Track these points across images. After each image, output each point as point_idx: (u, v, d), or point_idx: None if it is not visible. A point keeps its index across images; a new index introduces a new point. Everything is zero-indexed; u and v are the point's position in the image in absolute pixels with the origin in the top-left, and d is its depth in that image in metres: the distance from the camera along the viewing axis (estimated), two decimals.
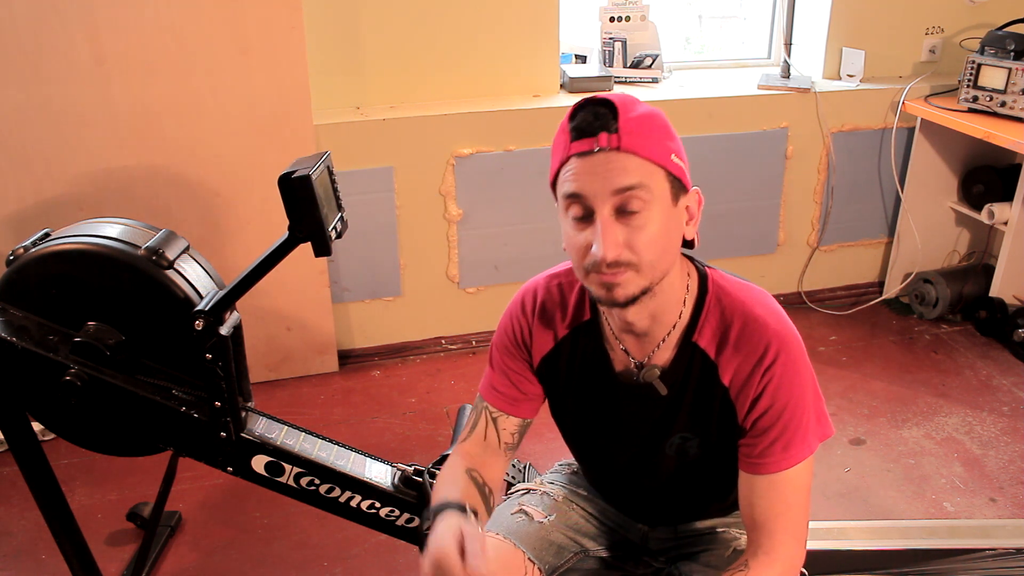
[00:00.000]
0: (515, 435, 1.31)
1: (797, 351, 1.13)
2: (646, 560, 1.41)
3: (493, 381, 1.30)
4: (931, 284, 3.09)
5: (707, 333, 1.16)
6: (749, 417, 1.14)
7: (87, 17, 2.19)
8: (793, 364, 1.13)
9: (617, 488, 1.39)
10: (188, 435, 1.55)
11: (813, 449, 1.15)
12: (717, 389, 1.16)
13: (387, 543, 1.93)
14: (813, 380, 1.16)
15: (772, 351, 1.12)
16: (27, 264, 1.48)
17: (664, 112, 1.11)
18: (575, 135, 1.06)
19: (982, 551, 1.90)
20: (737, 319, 1.14)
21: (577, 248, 1.08)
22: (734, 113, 2.88)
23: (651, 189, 1.05)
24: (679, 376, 1.19)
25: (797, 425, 1.13)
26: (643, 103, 1.09)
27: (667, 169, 1.06)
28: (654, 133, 1.06)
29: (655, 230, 1.06)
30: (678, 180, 1.08)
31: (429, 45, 2.66)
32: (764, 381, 1.12)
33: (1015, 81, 2.67)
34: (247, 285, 1.47)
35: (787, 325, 1.15)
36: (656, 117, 1.08)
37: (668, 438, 1.24)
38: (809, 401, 1.14)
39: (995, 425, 2.51)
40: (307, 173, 1.37)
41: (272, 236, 1.48)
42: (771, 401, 1.12)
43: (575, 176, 1.06)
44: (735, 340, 1.14)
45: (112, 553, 2.03)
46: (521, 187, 2.76)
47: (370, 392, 2.72)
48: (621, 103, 1.06)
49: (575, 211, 1.07)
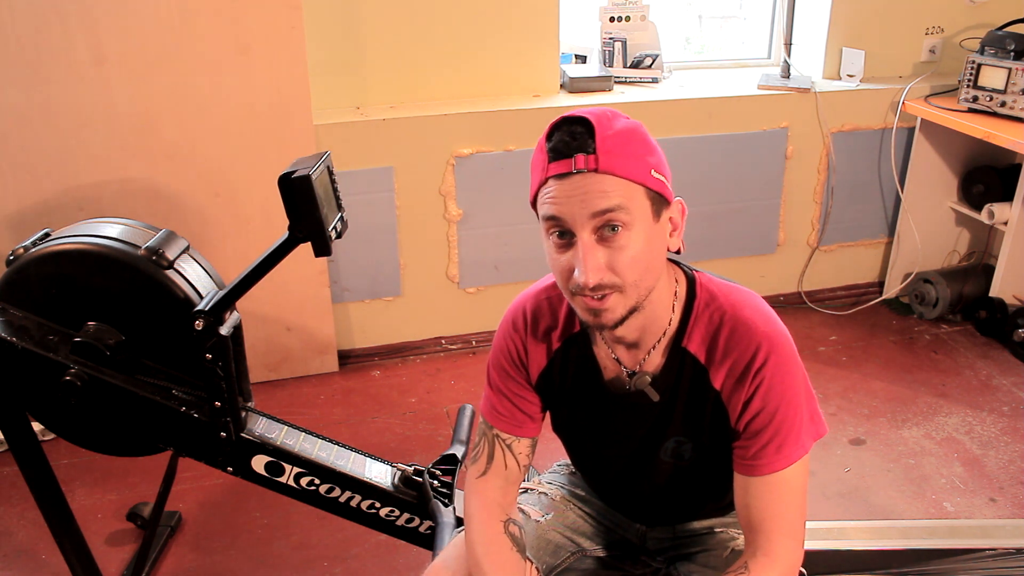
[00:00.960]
0: (529, 455, 1.31)
1: (787, 352, 1.13)
2: (644, 560, 1.41)
3: (496, 405, 1.29)
4: (931, 284, 3.08)
5: (696, 338, 1.16)
6: (742, 420, 1.14)
7: (87, 17, 2.19)
8: (784, 365, 1.12)
9: (615, 492, 1.39)
10: (188, 435, 1.55)
11: (807, 449, 1.15)
12: (709, 393, 1.16)
13: (387, 543, 1.93)
14: (805, 380, 1.16)
15: (762, 353, 1.11)
16: (27, 264, 1.48)
17: (643, 123, 1.09)
18: (552, 156, 1.05)
19: (982, 551, 1.89)
20: (726, 322, 1.14)
21: (560, 270, 1.08)
22: (734, 113, 2.88)
23: (631, 209, 1.04)
24: (670, 382, 1.19)
25: (790, 426, 1.13)
26: (621, 117, 1.08)
27: (647, 186, 1.05)
28: (632, 150, 1.05)
29: (637, 249, 1.05)
30: (659, 195, 1.07)
31: (429, 45, 2.66)
32: (755, 383, 1.12)
33: (1015, 81, 2.67)
34: (247, 285, 1.47)
35: (776, 326, 1.14)
36: (634, 132, 1.07)
37: (663, 443, 1.24)
38: (801, 401, 1.14)
39: (995, 425, 2.51)
40: (307, 173, 1.37)
41: (272, 236, 1.48)
42: (763, 403, 1.12)
43: (554, 199, 1.05)
44: (724, 344, 1.14)
45: (112, 553, 2.03)
46: (521, 187, 2.72)
47: (370, 392, 2.72)
48: (598, 121, 1.04)
49: (555, 234, 1.07)
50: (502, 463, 1.28)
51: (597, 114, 1.06)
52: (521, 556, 1.25)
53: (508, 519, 1.26)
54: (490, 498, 1.27)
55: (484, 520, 1.25)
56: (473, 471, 1.30)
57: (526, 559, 1.26)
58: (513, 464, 1.28)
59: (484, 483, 1.28)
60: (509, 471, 1.28)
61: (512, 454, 1.28)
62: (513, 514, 1.28)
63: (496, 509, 1.26)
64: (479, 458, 1.29)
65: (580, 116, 1.05)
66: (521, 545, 1.27)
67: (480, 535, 1.25)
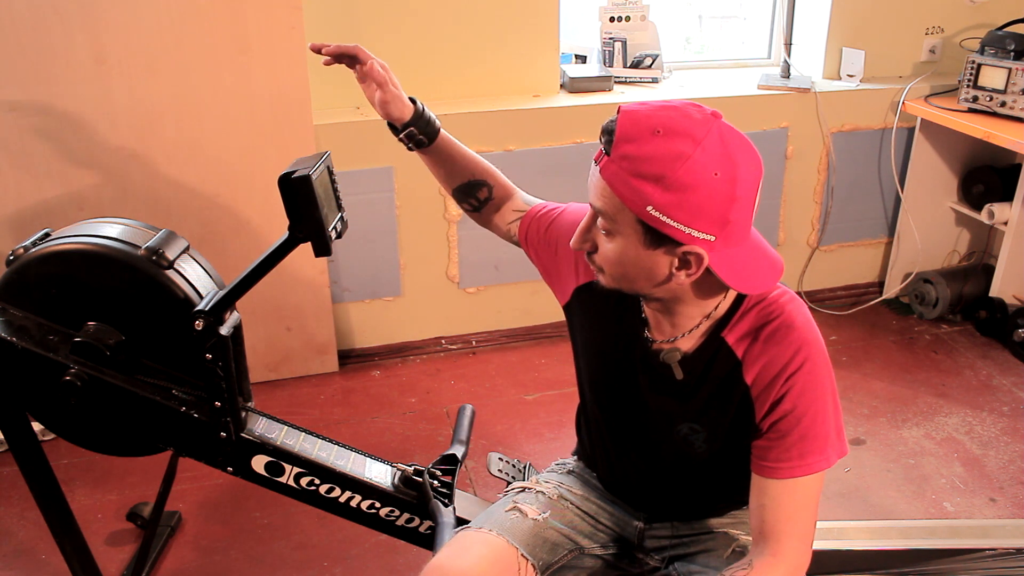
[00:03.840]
0: (507, 216, 1.48)
1: (824, 363, 1.14)
2: (641, 559, 1.41)
3: (550, 212, 1.42)
4: (931, 284, 3.09)
5: (738, 331, 1.17)
6: (768, 419, 1.15)
7: (87, 17, 2.19)
8: (818, 374, 1.13)
9: (617, 467, 1.39)
10: (188, 435, 1.55)
11: (831, 462, 1.15)
12: (739, 386, 1.16)
13: (387, 543, 1.93)
14: (835, 395, 1.16)
15: (800, 357, 1.12)
16: (27, 264, 1.48)
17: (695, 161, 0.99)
18: (599, 137, 1.09)
19: (982, 551, 1.89)
20: (773, 321, 1.14)
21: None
22: (734, 113, 2.83)
23: (616, 223, 1.07)
24: (699, 367, 1.19)
25: (815, 435, 1.13)
26: (664, 137, 1.00)
27: (637, 215, 1.04)
28: (637, 177, 1.02)
29: (613, 254, 1.10)
30: (656, 231, 1.04)
31: (429, 45, 2.66)
32: (787, 386, 1.13)
33: (1015, 81, 2.67)
34: (247, 285, 1.47)
35: (818, 337, 1.15)
36: (655, 163, 1.00)
37: (675, 426, 1.24)
38: (830, 414, 1.15)
39: (995, 425, 2.51)
40: (307, 173, 1.37)
41: (272, 236, 1.48)
42: (792, 405, 1.13)
43: (591, 172, 1.11)
44: (765, 340, 1.14)
45: (112, 553, 2.03)
46: (521, 187, 2.75)
47: (370, 392, 2.72)
48: (624, 131, 1.03)
49: None
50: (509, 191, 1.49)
51: (632, 123, 1.03)
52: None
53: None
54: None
55: None
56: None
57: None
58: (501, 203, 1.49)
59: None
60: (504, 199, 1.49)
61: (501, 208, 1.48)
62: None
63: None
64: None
65: (624, 114, 1.05)
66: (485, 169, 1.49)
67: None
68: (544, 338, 2.99)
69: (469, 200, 1.49)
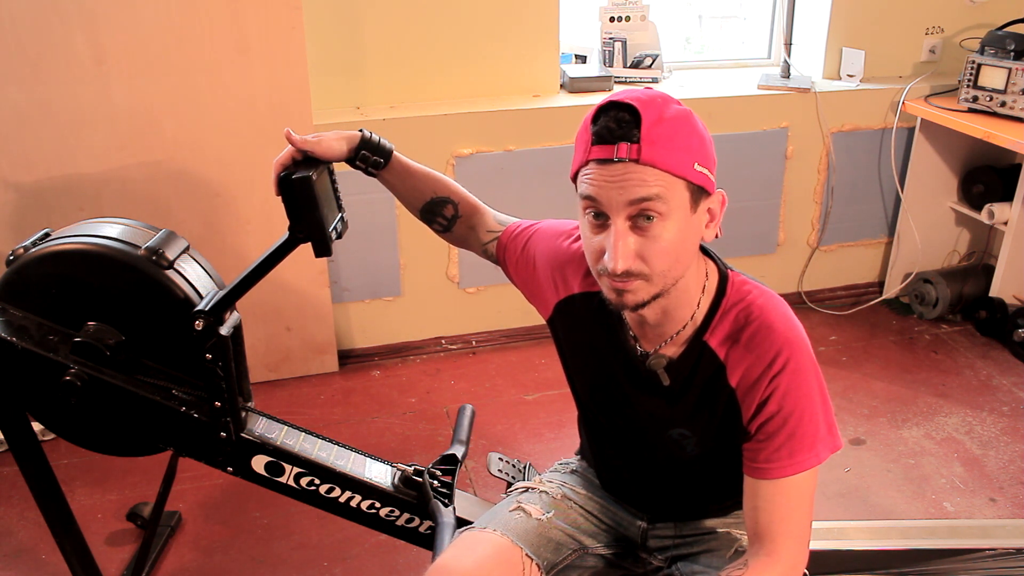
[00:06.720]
0: (482, 236, 1.46)
1: (807, 361, 1.14)
2: (645, 558, 1.41)
3: (526, 230, 1.41)
4: (931, 284, 3.08)
5: (719, 334, 1.16)
6: (755, 421, 1.14)
7: (87, 17, 2.19)
8: (802, 372, 1.13)
9: (610, 467, 1.39)
10: (188, 435, 1.55)
11: (822, 459, 1.14)
12: (724, 390, 1.16)
13: (387, 543, 1.93)
14: (823, 390, 1.16)
15: (782, 358, 1.12)
16: (27, 264, 1.48)
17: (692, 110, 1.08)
18: (595, 140, 1.04)
19: (982, 551, 1.90)
20: (751, 323, 1.14)
21: (592, 250, 1.09)
22: (734, 113, 2.88)
23: (668, 200, 1.04)
24: (685, 372, 1.19)
25: (804, 433, 1.13)
26: (672, 103, 1.06)
27: (688, 179, 1.05)
28: (678, 142, 1.04)
29: (669, 240, 1.05)
30: (699, 187, 1.07)
31: (429, 45, 2.66)
32: (772, 387, 1.12)
33: (1015, 81, 2.67)
34: (247, 285, 1.47)
35: (800, 334, 1.15)
36: (683, 122, 1.05)
37: (666, 431, 1.24)
38: (818, 410, 1.14)
39: (995, 425, 2.51)
40: (307, 174, 1.38)
41: (272, 236, 1.48)
42: (778, 406, 1.12)
43: (592, 181, 1.05)
44: (746, 343, 1.14)
45: (112, 553, 2.03)
46: (521, 187, 2.76)
47: (370, 392, 2.72)
48: (645, 109, 1.02)
49: (591, 214, 1.08)
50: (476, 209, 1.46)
51: (646, 100, 1.04)
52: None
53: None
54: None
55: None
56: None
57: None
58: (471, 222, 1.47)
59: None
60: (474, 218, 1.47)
61: (470, 225, 1.47)
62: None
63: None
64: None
65: (628, 102, 1.03)
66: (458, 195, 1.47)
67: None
68: (544, 338, 2.98)
69: (437, 220, 1.47)
